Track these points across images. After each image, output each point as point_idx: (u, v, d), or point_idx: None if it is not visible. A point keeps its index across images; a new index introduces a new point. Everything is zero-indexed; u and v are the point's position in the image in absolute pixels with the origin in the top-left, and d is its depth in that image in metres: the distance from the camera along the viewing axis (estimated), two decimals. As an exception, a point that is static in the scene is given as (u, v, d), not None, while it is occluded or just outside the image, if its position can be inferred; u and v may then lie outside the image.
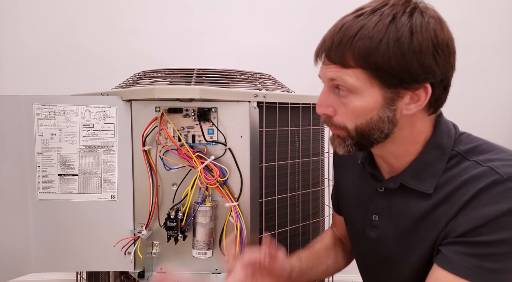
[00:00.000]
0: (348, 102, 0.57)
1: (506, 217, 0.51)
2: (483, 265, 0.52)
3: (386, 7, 0.54)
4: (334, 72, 0.57)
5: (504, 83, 1.67)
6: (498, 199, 0.52)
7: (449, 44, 0.55)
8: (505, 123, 1.68)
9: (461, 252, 0.54)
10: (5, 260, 0.79)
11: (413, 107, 0.56)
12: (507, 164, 0.54)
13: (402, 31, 0.52)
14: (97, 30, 1.62)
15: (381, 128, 0.58)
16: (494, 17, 1.64)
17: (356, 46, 0.53)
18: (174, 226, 0.76)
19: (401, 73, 0.53)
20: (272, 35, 1.66)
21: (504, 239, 0.51)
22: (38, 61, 1.60)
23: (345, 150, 0.61)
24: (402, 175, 0.63)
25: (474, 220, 0.53)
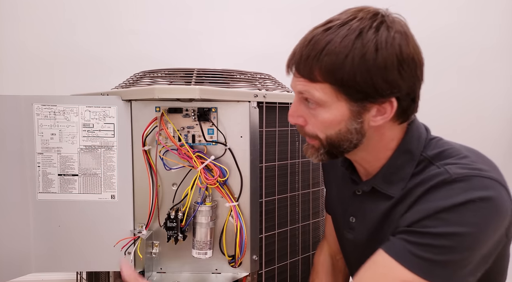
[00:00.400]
0: (317, 114, 0.59)
1: (448, 213, 0.53)
2: (419, 254, 0.53)
3: (354, 20, 0.55)
4: (302, 85, 0.58)
5: (502, 85, 1.67)
6: (444, 196, 0.54)
7: (414, 58, 0.56)
8: (504, 124, 1.68)
9: (402, 239, 0.56)
10: (5, 260, 0.79)
11: (380, 119, 0.58)
12: (462, 167, 0.56)
13: (367, 47, 0.53)
14: (97, 30, 1.62)
15: (349, 139, 0.60)
16: (493, 19, 1.64)
17: (323, 62, 0.55)
18: (174, 226, 0.76)
19: (366, 89, 0.55)
20: (272, 35, 1.66)
21: (443, 233, 0.52)
22: (38, 61, 1.60)
23: (318, 158, 0.64)
24: (374, 178, 0.65)
25: (419, 212, 0.55)
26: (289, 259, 0.92)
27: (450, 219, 0.52)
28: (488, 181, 0.54)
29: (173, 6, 1.64)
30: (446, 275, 0.53)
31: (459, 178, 0.54)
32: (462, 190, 0.53)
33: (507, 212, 0.54)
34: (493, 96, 1.67)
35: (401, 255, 0.55)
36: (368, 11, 0.57)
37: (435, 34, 1.62)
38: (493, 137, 1.65)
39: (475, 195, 0.52)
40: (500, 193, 0.54)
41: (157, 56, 1.63)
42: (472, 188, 0.53)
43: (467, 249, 0.52)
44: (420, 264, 0.53)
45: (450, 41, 1.64)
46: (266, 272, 0.85)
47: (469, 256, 0.53)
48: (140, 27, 1.63)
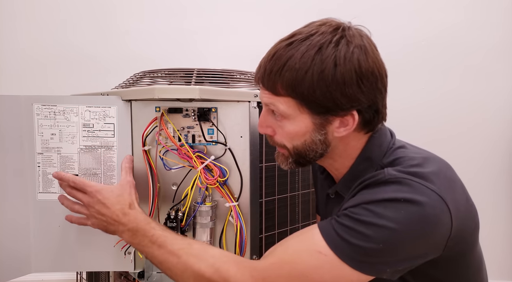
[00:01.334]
0: (283, 126, 0.62)
1: (374, 205, 0.56)
2: (340, 232, 0.56)
3: (315, 35, 0.57)
4: (267, 98, 0.61)
5: (506, 85, 1.67)
6: (373, 192, 0.58)
7: (374, 72, 0.58)
8: (506, 125, 1.68)
9: (334, 219, 0.59)
10: (5, 260, 0.79)
11: (343, 131, 0.61)
12: (400, 170, 0.59)
13: (326, 63, 0.55)
14: (96, 31, 1.62)
15: (315, 149, 0.63)
16: (499, 18, 1.64)
17: (284, 77, 0.57)
18: (174, 226, 0.76)
19: (326, 103, 0.57)
20: (272, 35, 1.66)
21: (364, 221, 0.55)
22: (38, 62, 1.60)
23: (288, 166, 0.67)
24: (338, 184, 0.69)
25: (351, 202, 0.59)
26: (289, 259, 0.92)
27: (374, 211, 0.55)
28: (422, 188, 0.55)
29: (174, 7, 1.64)
30: (357, 259, 0.55)
31: (391, 179, 0.57)
32: (391, 189, 0.56)
33: (437, 223, 0.54)
34: (498, 95, 1.66)
35: (326, 230, 0.58)
36: (330, 25, 0.59)
37: (442, 34, 1.62)
38: (496, 137, 1.65)
39: (400, 195, 0.55)
40: (433, 203, 0.54)
41: (157, 56, 1.64)
42: (400, 189, 0.56)
43: (382, 242, 0.53)
44: (337, 241, 0.56)
45: (456, 40, 1.63)
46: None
47: (383, 249, 0.54)
48: (140, 27, 1.64)
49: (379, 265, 0.55)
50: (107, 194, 0.68)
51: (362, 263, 0.55)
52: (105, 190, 0.69)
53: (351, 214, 0.57)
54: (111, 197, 0.68)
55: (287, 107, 0.59)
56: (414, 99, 1.61)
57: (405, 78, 1.61)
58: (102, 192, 0.68)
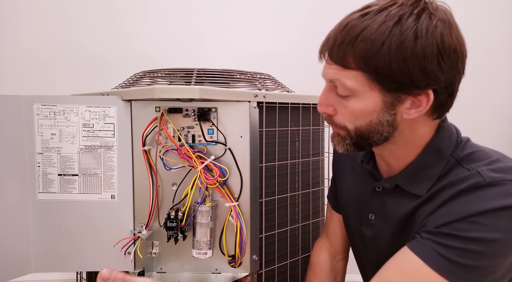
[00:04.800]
0: (347, 104, 0.57)
1: (482, 217, 0.51)
2: (449, 256, 0.52)
3: (394, 6, 0.53)
4: (333, 73, 0.56)
5: (505, 85, 1.67)
6: (478, 199, 0.52)
7: (457, 49, 0.53)
8: (506, 124, 1.68)
9: (431, 240, 0.54)
10: (5, 260, 0.79)
11: (414, 112, 0.55)
12: (494, 170, 0.54)
13: (406, 34, 0.50)
14: (97, 30, 1.62)
15: (380, 131, 0.57)
16: (496, 18, 1.64)
17: (357, 48, 0.52)
18: (174, 226, 0.76)
19: (402, 79, 0.52)
20: (272, 35, 1.66)
21: (476, 238, 0.51)
22: (38, 61, 1.60)
23: (344, 148, 0.61)
24: (399, 176, 0.63)
25: (450, 215, 0.53)
26: (289, 259, 0.92)
27: (483, 224, 0.50)
28: None
29: (174, 7, 1.64)
30: (475, 280, 0.51)
31: (493, 182, 0.52)
32: (497, 195, 0.51)
33: None
34: (495, 96, 1.67)
35: (429, 256, 0.53)
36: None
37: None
38: (495, 137, 1.65)
39: (511, 201, 0.50)
40: None
41: (158, 56, 1.64)
42: (507, 193, 0.51)
43: (498, 255, 0.51)
44: (448, 267, 0.51)
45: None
46: (266, 272, 0.85)
47: (500, 263, 0.51)
48: (142, 27, 1.64)
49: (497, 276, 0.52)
50: None
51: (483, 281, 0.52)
52: None
53: (457, 232, 0.51)
54: None
55: (356, 82, 0.54)
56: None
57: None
58: None
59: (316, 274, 0.83)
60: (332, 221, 0.86)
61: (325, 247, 0.86)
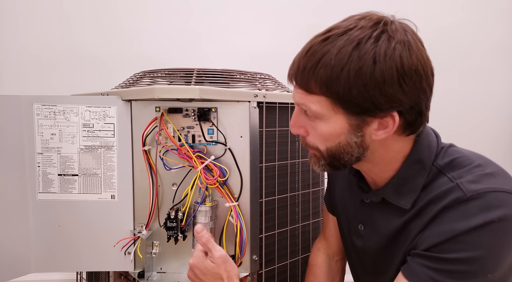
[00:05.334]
0: (316, 126, 0.58)
1: (466, 236, 0.52)
2: (442, 280, 0.53)
3: (354, 29, 0.53)
4: (299, 97, 0.57)
5: (504, 84, 1.67)
6: (459, 217, 0.53)
7: (418, 70, 0.52)
8: (506, 124, 1.68)
9: (423, 265, 0.55)
10: (5, 260, 0.79)
11: (382, 133, 0.56)
12: (474, 180, 0.54)
13: (364, 59, 0.50)
14: (96, 31, 1.62)
15: (350, 152, 0.57)
16: (494, 18, 1.64)
17: (318, 74, 0.52)
18: (174, 226, 0.76)
19: (363, 103, 0.52)
20: (272, 35, 1.66)
21: (464, 258, 0.51)
22: (38, 61, 1.60)
23: (320, 168, 0.62)
24: (383, 189, 0.63)
25: (437, 236, 0.54)
26: (289, 259, 0.92)
27: (470, 243, 0.51)
28: (505, 196, 0.52)
29: (174, 7, 1.64)
30: None
31: (473, 196, 0.52)
32: (479, 210, 0.51)
33: None
34: (494, 95, 1.67)
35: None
36: (370, 19, 0.54)
37: (439, 34, 1.62)
38: (494, 137, 1.65)
39: (493, 215, 0.51)
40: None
41: (158, 56, 1.64)
42: (489, 206, 0.51)
43: (489, 271, 0.51)
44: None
45: (454, 40, 1.63)
46: (266, 272, 0.85)
47: (491, 278, 0.52)
48: (141, 27, 1.64)
49: None
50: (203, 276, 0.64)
51: None
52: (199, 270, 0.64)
53: (446, 254, 0.52)
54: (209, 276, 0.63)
55: (320, 107, 0.55)
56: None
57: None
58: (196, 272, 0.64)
59: (315, 275, 0.83)
60: (328, 223, 0.87)
61: (323, 248, 0.86)
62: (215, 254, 0.63)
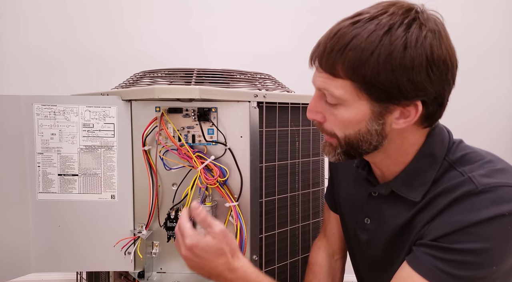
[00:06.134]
0: (336, 113, 0.57)
1: (475, 228, 0.51)
2: (448, 270, 0.52)
3: (385, 15, 0.52)
4: (322, 82, 0.56)
5: (503, 85, 1.67)
6: (470, 209, 0.52)
7: (446, 60, 0.52)
8: (506, 124, 1.68)
9: (429, 254, 0.54)
10: (5, 260, 0.79)
11: (403, 122, 0.55)
12: (486, 175, 0.54)
13: (395, 45, 0.50)
14: (97, 30, 1.62)
15: (369, 140, 0.57)
16: (493, 19, 1.64)
17: (347, 57, 0.52)
18: (174, 226, 0.76)
19: (390, 89, 0.52)
20: (272, 35, 1.66)
21: (472, 249, 0.51)
22: (38, 61, 1.60)
23: (335, 158, 0.61)
24: (393, 182, 0.63)
25: (446, 226, 0.54)
26: (289, 259, 0.92)
27: (478, 234, 0.51)
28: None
29: (175, 6, 1.64)
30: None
31: (485, 189, 0.52)
32: (490, 203, 0.51)
33: None
34: (492, 96, 1.67)
35: (429, 272, 0.53)
36: (401, 6, 0.53)
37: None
38: (493, 137, 1.65)
39: (504, 209, 0.50)
40: None
41: (158, 56, 1.64)
42: (500, 200, 0.51)
43: (494, 263, 0.51)
44: (447, 280, 0.52)
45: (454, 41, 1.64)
46: (266, 272, 0.85)
47: (496, 271, 0.52)
48: (142, 27, 1.64)
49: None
50: (205, 254, 0.60)
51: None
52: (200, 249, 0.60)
53: (454, 245, 0.52)
54: (210, 254, 0.60)
55: (344, 92, 0.54)
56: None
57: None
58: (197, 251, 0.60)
59: (315, 273, 0.83)
60: (329, 221, 0.86)
61: (323, 247, 0.86)
62: (216, 229, 0.60)
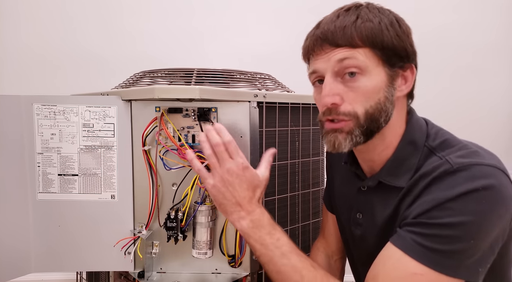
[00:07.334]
0: (357, 86, 0.59)
1: (451, 203, 0.53)
2: (427, 244, 0.54)
3: (362, 7, 0.61)
4: (344, 53, 0.58)
5: (501, 83, 1.67)
6: (446, 187, 0.55)
7: None
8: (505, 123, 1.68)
9: (410, 231, 0.56)
10: (5, 260, 0.79)
11: (404, 88, 0.62)
12: (461, 156, 0.57)
13: (390, 18, 0.60)
14: (97, 30, 1.62)
15: (386, 110, 0.60)
16: (489, 17, 1.64)
17: (362, 28, 0.58)
18: (174, 226, 0.76)
19: (401, 52, 0.59)
20: (273, 35, 1.66)
21: (449, 223, 0.53)
22: (38, 61, 1.60)
23: (351, 143, 0.61)
24: (380, 172, 0.65)
25: (425, 204, 0.56)
26: (289, 259, 0.92)
27: (455, 209, 0.53)
28: (490, 169, 0.54)
29: (175, 6, 1.64)
30: (454, 265, 0.53)
31: (460, 168, 0.55)
32: (464, 179, 0.54)
33: (510, 199, 0.54)
34: (491, 94, 1.67)
35: (409, 247, 0.55)
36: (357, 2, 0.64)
37: (435, 34, 1.62)
38: (492, 136, 1.65)
39: (478, 184, 0.53)
40: (502, 180, 0.54)
41: (158, 56, 1.64)
42: (474, 176, 0.54)
43: (472, 238, 0.53)
44: (428, 255, 0.53)
45: (448, 40, 1.63)
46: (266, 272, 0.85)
47: (475, 245, 0.53)
48: (142, 27, 1.64)
49: (474, 265, 0.54)
50: (251, 177, 0.64)
51: (458, 268, 0.53)
52: (250, 172, 0.65)
53: (431, 220, 0.54)
54: (251, 181, 0.64)
55: (366, 58, 0.58)
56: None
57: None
58: (248, 171, 0.64)
59: None
60: (327, 222, 0.87)
61: (322, 248, 0.87)
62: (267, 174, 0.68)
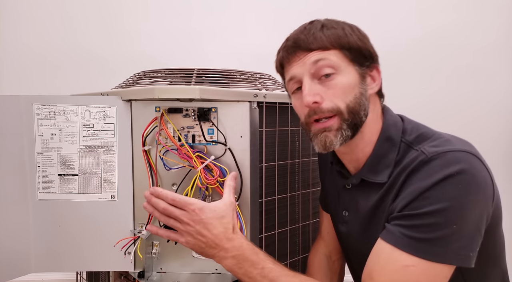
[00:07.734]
0: (334, 84, 0.63)
1: (430, 191, 0.56)
2: (413, 235, 0.55)
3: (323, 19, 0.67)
4: (317, 55, 0.63)
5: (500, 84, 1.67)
6: (424, 176, 0.57)
7: None
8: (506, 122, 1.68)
9: (397, 225, 0.58)
10: (5, 260, 0.79)
11: (374, 86, 0.66)
12: (434, 145, 0.60)
13: (349, 25, 0.66)
14: (97, 30, 1.62)
15: (364, 104, 0.64)
16: (489, 17, 1.64)
17: (329, 33, 0.63)
18: (174, 226, 0.76)
19: (365, 52, 0.64)
20: (272, 35, 1.66)
21: (430, 211, 0.55)
22: (38, 61, 1.60)
23: (342, 138, 0.64)
24: (362, 170, 0.68)
25: (407, 196, 0.58)
26: (289, 259, 0.92)
27: (434, 197, 0.55)
28: (462, 154, 0.57)
29: (175, 6, 1.64)
30: (441, 251, 0.55)
31: (434, 156, 0.58)
32: (440, 167, 0.56)
33: (486, 181, 0.57)
34: (491, 94, 1.66)
35: (398, 240, 0.57)
36: None
37: (433, 34, 1.62)
38: (492, 136, 1.65)
39: (453, 169, 0.55)
40: (474, 164, 0.56)
41: (158, 56, 1.64)
42: (448, 163, 0.56)
43: (455, 223, 0.54)
44: (416, 245, 0.55)
45: (447, 40, 1.63)
46: (266, 272, 0.85)
47: (459, 229, 0.54)
48: (142, 27, 1.64)
49: (462, 250, 0.55)
50: (210, 214, 0.63)
51: (446, 254, 0.55)
52: (208, 208, 0.64)
53: (414, 211, 0.56)
54: (214, 217, 0.63)
55: (338, 58, 0.63)
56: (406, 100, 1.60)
57: (397, 79, 1.60)
58: (205, 211, 0.63)
59: (313, 275, 0.84)
60: (324, 222, 0.88)
61: (320, 248, 0.87)
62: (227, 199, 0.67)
